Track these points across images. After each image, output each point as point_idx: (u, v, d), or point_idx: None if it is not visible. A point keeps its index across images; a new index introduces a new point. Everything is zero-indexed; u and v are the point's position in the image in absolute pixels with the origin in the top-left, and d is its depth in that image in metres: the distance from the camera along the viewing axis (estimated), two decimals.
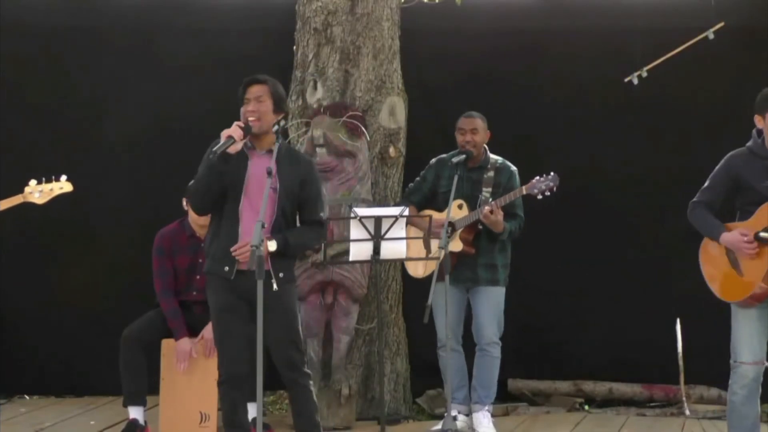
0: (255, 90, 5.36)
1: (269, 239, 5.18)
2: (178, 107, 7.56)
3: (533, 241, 7.01)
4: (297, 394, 5.43)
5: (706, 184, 5.47)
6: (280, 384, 7.14)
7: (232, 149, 5.19)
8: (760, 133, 5.39)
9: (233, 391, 5.38)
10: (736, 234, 5.28)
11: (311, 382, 5.45)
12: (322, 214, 5.47)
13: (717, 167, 5.46)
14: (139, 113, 7.58)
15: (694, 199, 5.48)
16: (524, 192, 6.36)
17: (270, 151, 5.31)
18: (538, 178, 6.33)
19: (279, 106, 5.40)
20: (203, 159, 5.32)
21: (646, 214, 7.41)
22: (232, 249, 5.21)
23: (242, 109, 5.37)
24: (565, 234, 7.42)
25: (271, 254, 5.18)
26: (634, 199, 7.45)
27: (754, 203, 5.30)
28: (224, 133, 5.21)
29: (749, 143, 5.42)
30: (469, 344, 6.65)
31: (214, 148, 5.16)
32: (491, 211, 6.30)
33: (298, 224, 5.43)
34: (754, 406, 5.40)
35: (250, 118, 5.29)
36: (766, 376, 5.55)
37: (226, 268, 5.27)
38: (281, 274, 5.27)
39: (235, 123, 5.25)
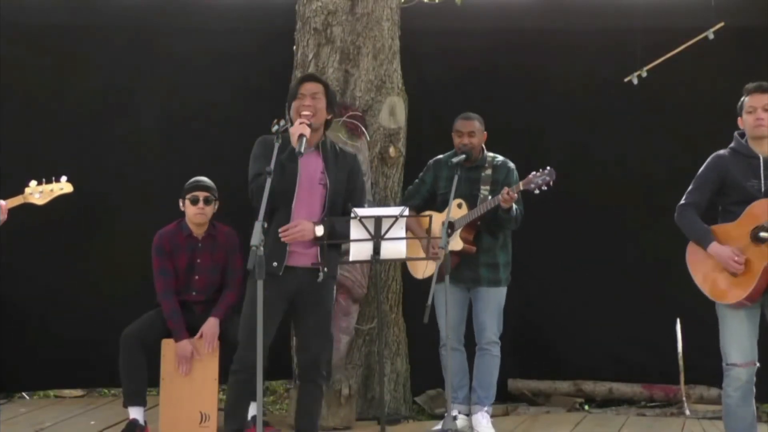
0: (311, 87, 5.50)
1: (316, 224, 5.36)
2: (178, 107, 7.57)
3: (533, 241, 7.01)
4: (309, 392, 5.52)
5: (692, 185, 5.49)
6: (281, 374, 7.20)
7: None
8: (742, 134, 5.43)
9: (242, 384, 5.45)
10: (728, 252, 5.28)
11: (325, 385, 5.52)
12: (366, 204, 5.66)
13: (702, 168, 5.49)
14: (139, 113, 7.59)
15: (682, 202, 5.49)
16: (521, 188, 6.36)
17: (317, 148, 5.47)
18: (534, 173, 6.33)
19: (331, 106, 5.56)
20: (256, 158, 5.41)
21: (646, 214, 7.41)
22: (280, 230, 5.33)
23: (294, 104, 5.46)
24: (565, 234, 7.42)
25: (319, 244, 5.37)
26: (634, 199, 7.45)
27: (739, 202, 5.32)
28: (294, 132, 5.28)
29: (732, 145, 5.46)
30: (470, 344, 6.65)
31: (298, 150, 5.19)
32: (509, 194, 6.27)
33: None
34: (749, 407, 5.41)
35: (305, 113, 5.38)
36: (764, 376, 5.56)
37: (275, 264, 5.38)
38: (326, 269, 5.43)
39: (299, 121, 5.33)
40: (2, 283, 7.47)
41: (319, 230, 5.37)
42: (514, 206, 6.40)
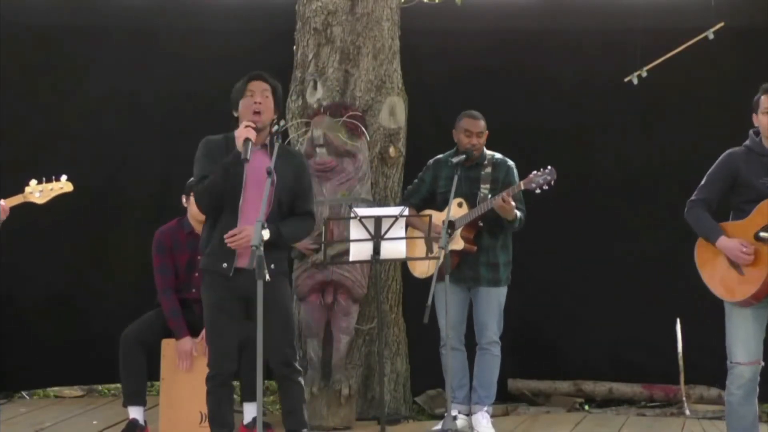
0: (260, 85, 5.42)
1: (263, 228, 5.22)
2: (179, 106, 7.57)
3: (533, 241, 7.01)
4: (288, 389, 5.47)
5: (703, 181, 5.49)
6: None
7: None
8: (757, 132, 5.42)
9: (220, 388, 5.43)
10: (735, 243, 5.27)
11: (302, 379, 5.48)
12: (312, 206, 5.54)
13: (715, 165, 5.48)
14: (139, 113, 7.59)
15: (692, 198, 5.49)
16: (522, 187, 6.37)
17: (264, 146, 5.37)
18: (535, 172, 6.35)
19: (278, 105, 5.49)
20: (199, 159, 5.37)
21: (646, 213, 7.41)
22: (225, 236, 5.24)
23: (243, 102, 5.41)
24: (565, 234, 7.42)
25: (264, 244, 5.21)
26: (634, 199, 7.44)
27: (750, 201, 5.31)
28: (240, 135, 5.25)
29: (747, 142, 5.45)
30: (470, 343, 6.66)
31: (244, 156, 5.15)
32: (503, 200, 6.29)
33: None
34: (751, 406, 5.41)
35: (257, 110, 5.34)
36: (766, 376, 5.56)
37: (224, 265, 5.31)
38: (272, 266, 5.26)
39: (245, 124, 5.29)
40: (2, 283, 7.48)
41: (266, 234, 5.16)
42: (517, 213, 6.40)
